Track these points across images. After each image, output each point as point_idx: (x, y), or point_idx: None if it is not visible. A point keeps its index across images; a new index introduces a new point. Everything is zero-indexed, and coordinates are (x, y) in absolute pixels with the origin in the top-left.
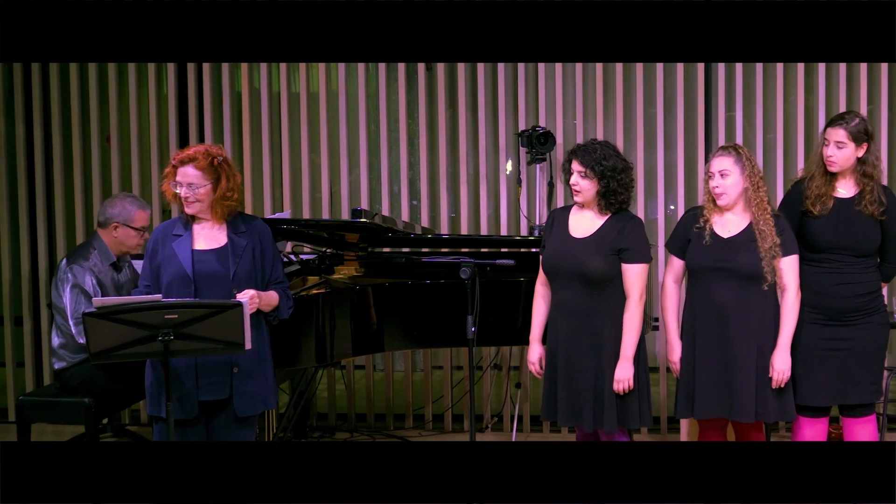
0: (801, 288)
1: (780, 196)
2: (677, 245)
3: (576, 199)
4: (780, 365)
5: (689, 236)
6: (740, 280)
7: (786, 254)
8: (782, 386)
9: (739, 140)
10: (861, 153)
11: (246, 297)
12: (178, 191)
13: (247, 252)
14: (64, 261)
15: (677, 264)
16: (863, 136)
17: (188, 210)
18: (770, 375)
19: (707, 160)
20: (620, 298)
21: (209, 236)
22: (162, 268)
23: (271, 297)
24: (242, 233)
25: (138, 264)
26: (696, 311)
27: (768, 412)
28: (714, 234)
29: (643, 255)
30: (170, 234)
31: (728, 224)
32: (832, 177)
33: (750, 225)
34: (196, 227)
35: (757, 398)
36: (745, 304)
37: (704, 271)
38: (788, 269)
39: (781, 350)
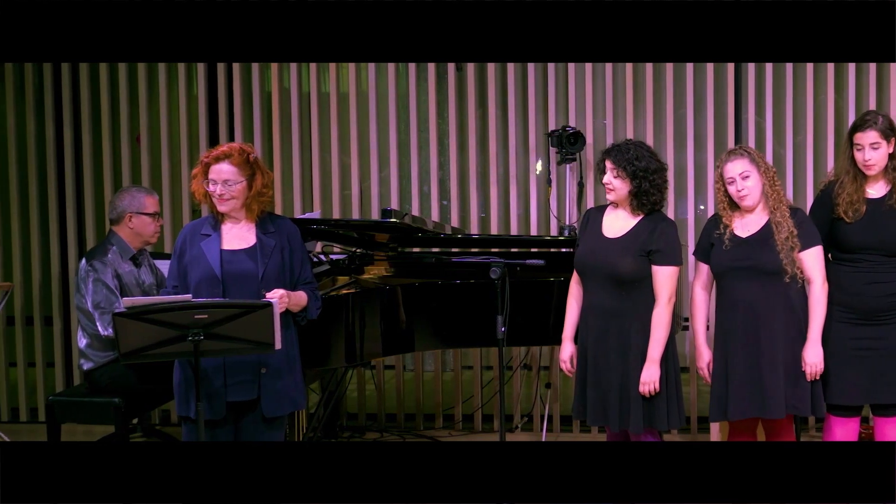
0: (833, 288)
1: (810, 196)
2: (702, 251)
3: (609, 197)
4: (813, 358)
5: (712, 241)
6: (762, 277)
7: (806, 246)
8: (816, 378)
9: (769, 141)
10: (891, 149)
11: (275, 296)
12: (211, 188)
13: (275, 252)
14: (83, 261)
15: (704, 270)
16: (890, 132)
17: (221, 207)
18: (803, 369)
19: (716, 167)
20: (650, 300)
21: (238, 236)
22: (190, 268)
23: (300, 298)
24: (271, 233)
25: (161, 264)
26: (724, 313)
27: (800, 405)
28: (734, 236)
29: (674, 257)
30: (198, 233)
31: (748, 224)
32: (863, 181)
33: (768, 222)
34: (224, 227)
35: (787, 392)
36: (769, 301)
37: (727, 273)
38: (811, 261)
39: (813, 343)
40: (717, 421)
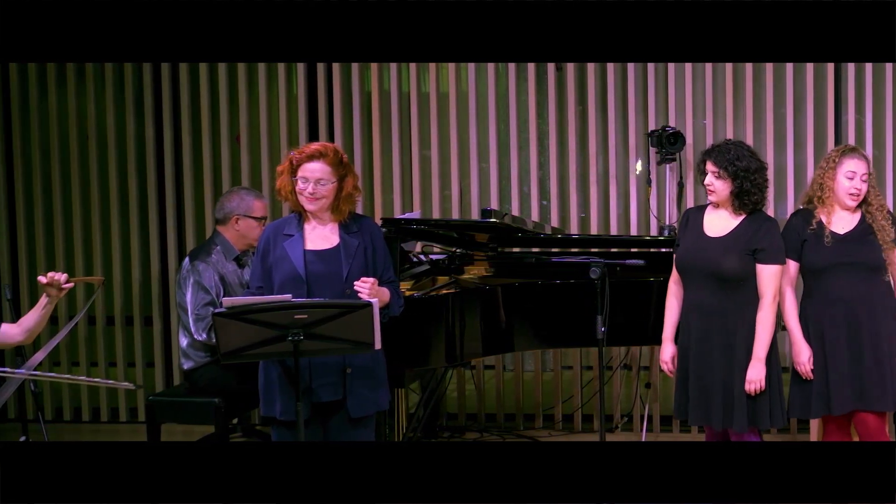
0: None
1: None
2: (793, 249)
3: (710, 198)
4: None
5: (804, 238)
6: (865, 273)
7: None
8: None
9: (868, 141)
10: None
11: (367, 285)
12: (301, 186)
13: (359, 252)
14: (187, 259)
15: (793, 268)
16: None
17: (311, 206)
18: None
19: (830, 158)
20: (753, 299)
21: (321, 236)
22: (274, 268)
23: (383, 293)
24: (354, 233)
25: None
26: (822, 308)
27: None
28: (832, 233)
29: (778, 256)
30: (281, 233)
31: (841, 221)
32: None
33: (861, 220)
34: (307, 227)
35: (891, 387)
36: (869, 296)
37: (829, 268)
38: None
39: None
40: (820, 416)
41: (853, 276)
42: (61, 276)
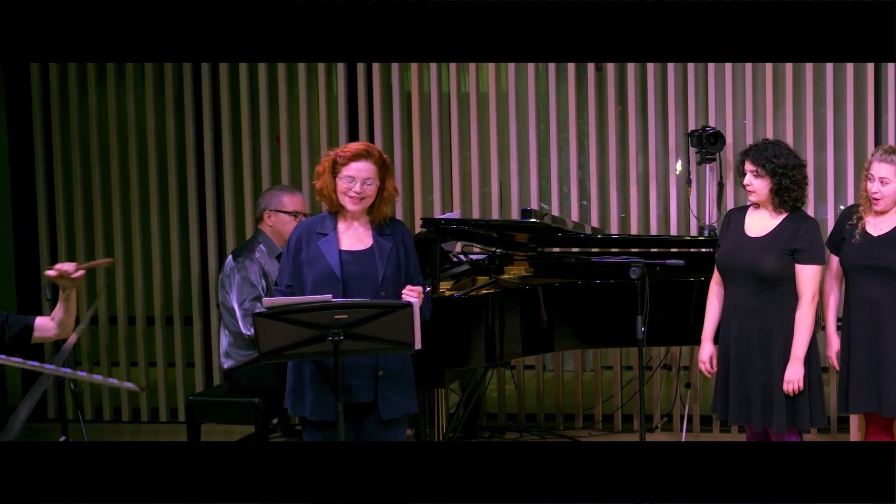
0: None
1: None
2: (834, 243)
3: (750, 198)
4: None
5: (843, 234)
6: (886, 277)
7: None
8: None
9: None
10: None
11: (415, 292)
12: (346, 185)
13: (392, 254)
14: (230, 258)
15: (834, 261)
16: None
17: (354, 207)
18: None
19: (868, 159)
20: (792, 299)
21: (355, 237)
22: (306, 267)
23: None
24: (387, 235)
25: None
26: (850, 307)
27: None
28: (864, 233)
29: (817, 256)
30: (314, 232)
31: (880, 223)
32: None
33: None
34: (341, 227)
35: None
36: (894, 301)
37: (855, 269)
38: None
39: None
40: (840, 413)
41: (879, 279)
42: (69, 266)
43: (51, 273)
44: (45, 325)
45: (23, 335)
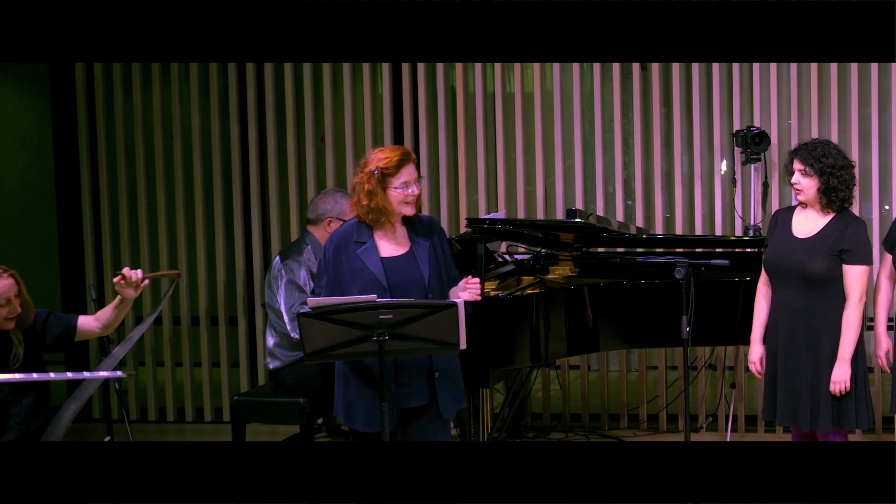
0: None
1: None
2: (890, 242)
3: (798, 198)
4: None
5: None
6: None
7: None
8: None
9: None
10: None
11: (475, 286)
12: (401, 192)
13: (431, 254)
14: (277, 259)
15: (888, 261)
16: None
17: (410, 211)
18: None
19: None
20: (840, 299)
21: (392, 242)
22: (349, 278)
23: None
24: (422, 234)
25: None
26: None
27: None
28: None
29: (864, 256)
30: (351, 241)
31: None
32: None
33: None
34: (377, 234)
35: None
36: None
37: None
38: None
39: None
40: (887, 413)
41: None
42: (136, 274)
43: (118, 280)
44: (88, 325)
45: (66, 334)
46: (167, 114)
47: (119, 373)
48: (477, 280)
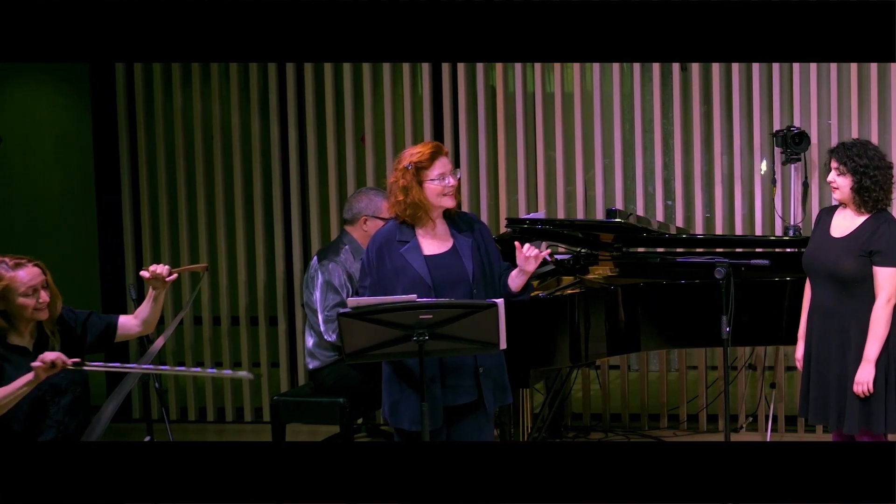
0: None
1: None
2: None
3: (834, 196)
4: None
5: None
6: None
7: None
8: None
9: None
10: None
11: (532, 251)
12: (439, 184)
13: (475, 250)
14: (315, 259)
15: None
16: None
17: (450, 203)
18: None
19: None
20: (871, 300)
21: (434, 239)
22: (393, 277)
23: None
24: (464, 231)
25: None
26: None
27: None
28: None
29: (894, 258)
30: (394, 240)
31: None
32: None
33: None
34: (419, 232)
35: None
36: None
37: None
38: None
39: None
40: None
41: None
42: (163, 269)
43: (144, 274)
44: (128, 324)
45: (106, 334)
46: (207, 113)
47: (245, 373)
48: (528, 245)
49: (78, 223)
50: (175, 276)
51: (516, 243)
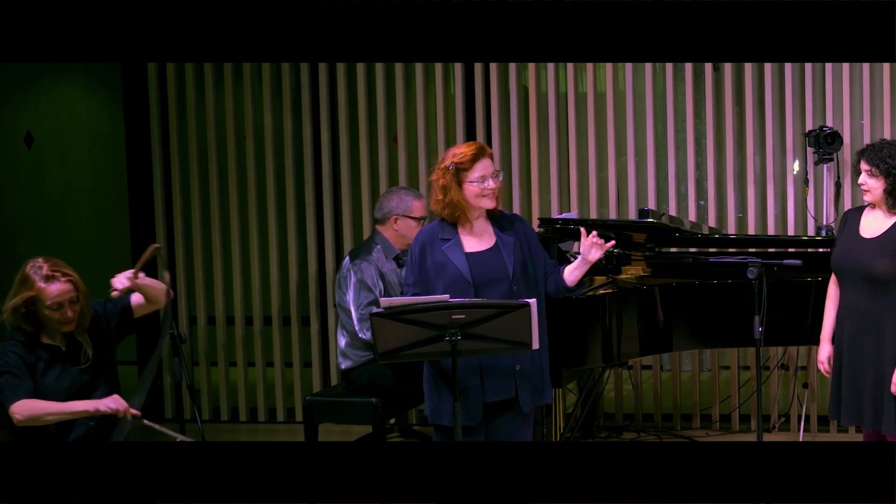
0: None
1: None
2: None
3: (865, 198)
4: None
5: None
6: None
7: None
8: None
9: None
10: None
11: (594, 239)
12: (479, 186)
13: (517, 249)
14: (347, 259)
15: None
16: None
17: (489, 204)
18: None
19: None
20: None
21: (477, 237)
22: (434, 274)
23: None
24: (508, 231)
25: None
26: None
27: None
28: None
29: None
30: (437, 238)
31: None
32: None
33: None
34: (462, 230)
35: None
36: None
37: None
38: None
39: None
40: None
41: None
42: (127, 278)
43: (116, 294)
44: (140, 301)
45: (125, 316)
46: (239, 113)
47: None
48: (594, 233)
49: (110, 222)
50: (142, 274)
51: (582, 230)
